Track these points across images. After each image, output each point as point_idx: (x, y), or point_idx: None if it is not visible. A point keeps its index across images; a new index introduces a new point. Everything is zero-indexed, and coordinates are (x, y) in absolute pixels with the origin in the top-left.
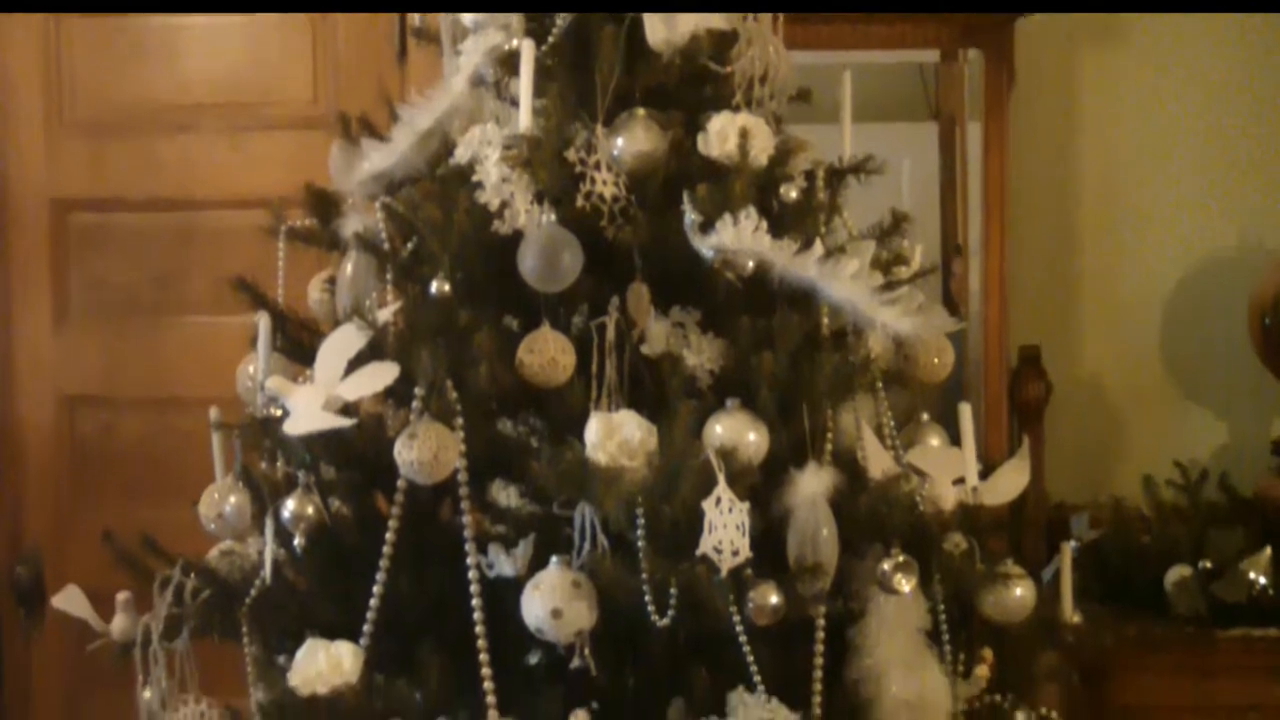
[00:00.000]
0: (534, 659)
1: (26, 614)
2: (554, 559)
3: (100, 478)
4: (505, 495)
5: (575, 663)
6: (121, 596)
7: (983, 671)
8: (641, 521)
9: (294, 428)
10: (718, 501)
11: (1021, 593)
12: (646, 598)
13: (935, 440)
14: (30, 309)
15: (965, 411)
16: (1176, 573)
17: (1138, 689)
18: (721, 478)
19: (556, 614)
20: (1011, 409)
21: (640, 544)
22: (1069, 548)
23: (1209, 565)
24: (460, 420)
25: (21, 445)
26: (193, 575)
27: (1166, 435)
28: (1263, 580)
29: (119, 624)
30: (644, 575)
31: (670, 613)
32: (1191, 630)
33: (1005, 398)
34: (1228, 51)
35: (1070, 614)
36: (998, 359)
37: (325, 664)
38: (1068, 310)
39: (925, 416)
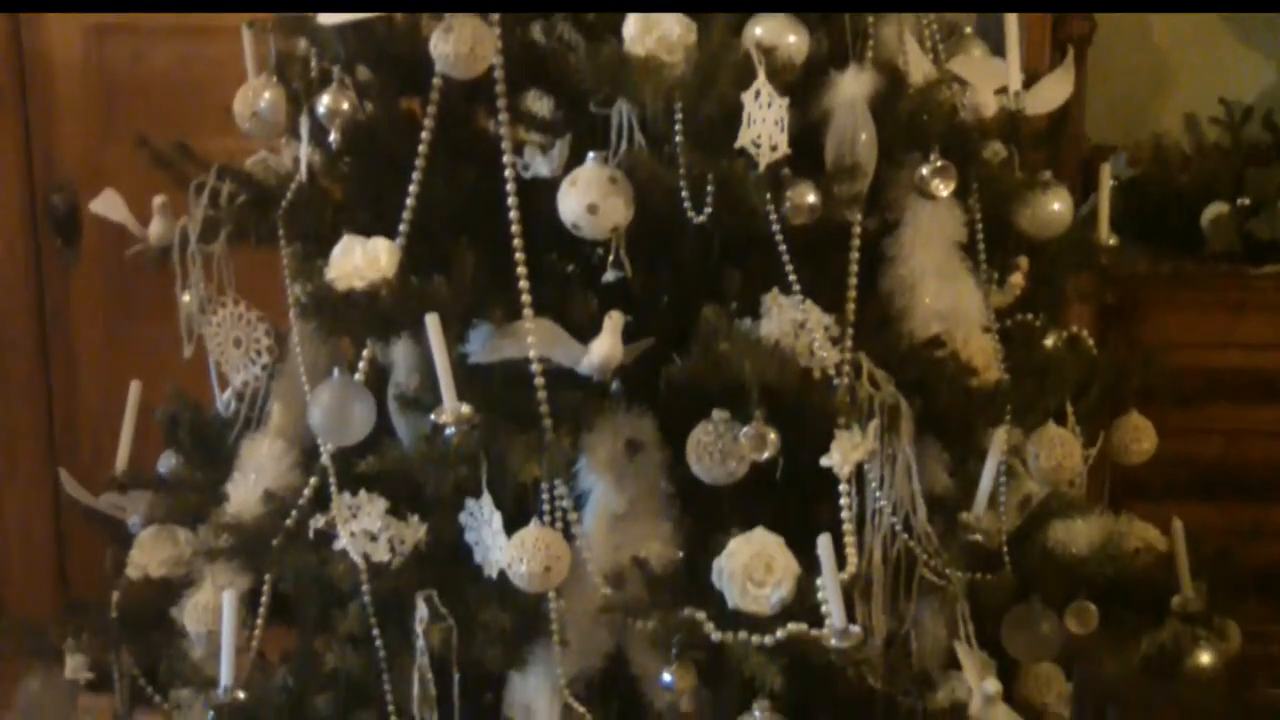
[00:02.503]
0: (569, 268)
1: (64, 244)
2: (591, 155)
3: (130, 108)
4: (540, 105)
5: (609, 274)
6: (158, 200)
7: (1017, 280)
8: (679, 116)
9: (329, 20)
10: (756, 95)
11: (1059, 206)
12: (683, 193)
13: (977, 52)
14: None
15: (1011, 21)
16: (1214, 210)
17: (1168, 325)
18: (761, 71)
19: (593, 209)
20: (1054, 45)
21: (678, 139)
22: (1107, 169)
23: (1247, 202)
24: (496, 16)
25: (50, 77)
26: (229, 180)
27: (1213, 76)
28: None
29: (156, 228)
30: (681, 171)
31: (706, 209)
32: (1225, 267)
33: (1048, 34)
34: None
35: (1106, 235)
36: None
37: (362, 259)
38: None
39: (968, 29)
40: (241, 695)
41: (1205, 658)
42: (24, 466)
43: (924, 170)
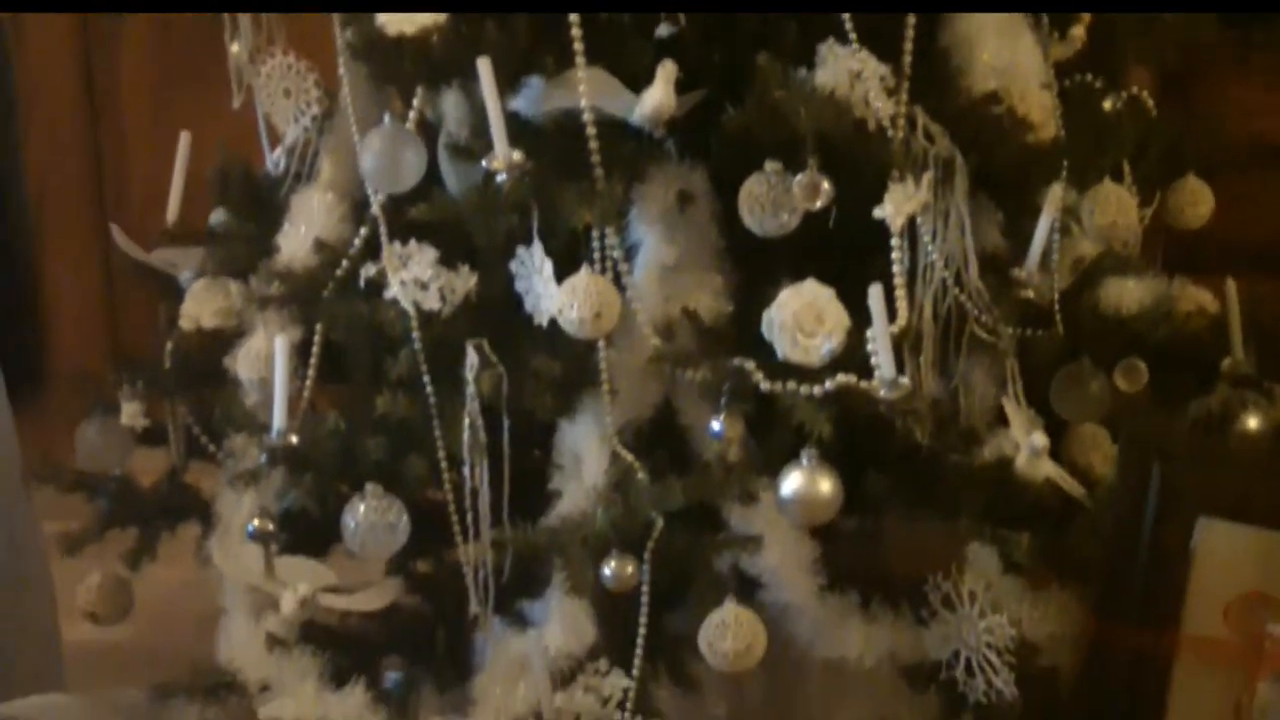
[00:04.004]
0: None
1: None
2: None
3: None
4: None
5: (663, 28)
6: None
7: (1079, 32)
8: None
9: None
10: None
11: None
12: None
13: None
14: None
15: None
16: None
17: (1230, 93)
18: None
19: None
20: None
21: None
22: None
23: None
24: None
25: None
26: None
27: None
28: None
29: None
30: None
31: None
32: None
33: None
34: None
35: None
36: None
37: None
38: None
39: None
40: (294, 439)
41: (1253, 422)
42: (75, 226)
43: None
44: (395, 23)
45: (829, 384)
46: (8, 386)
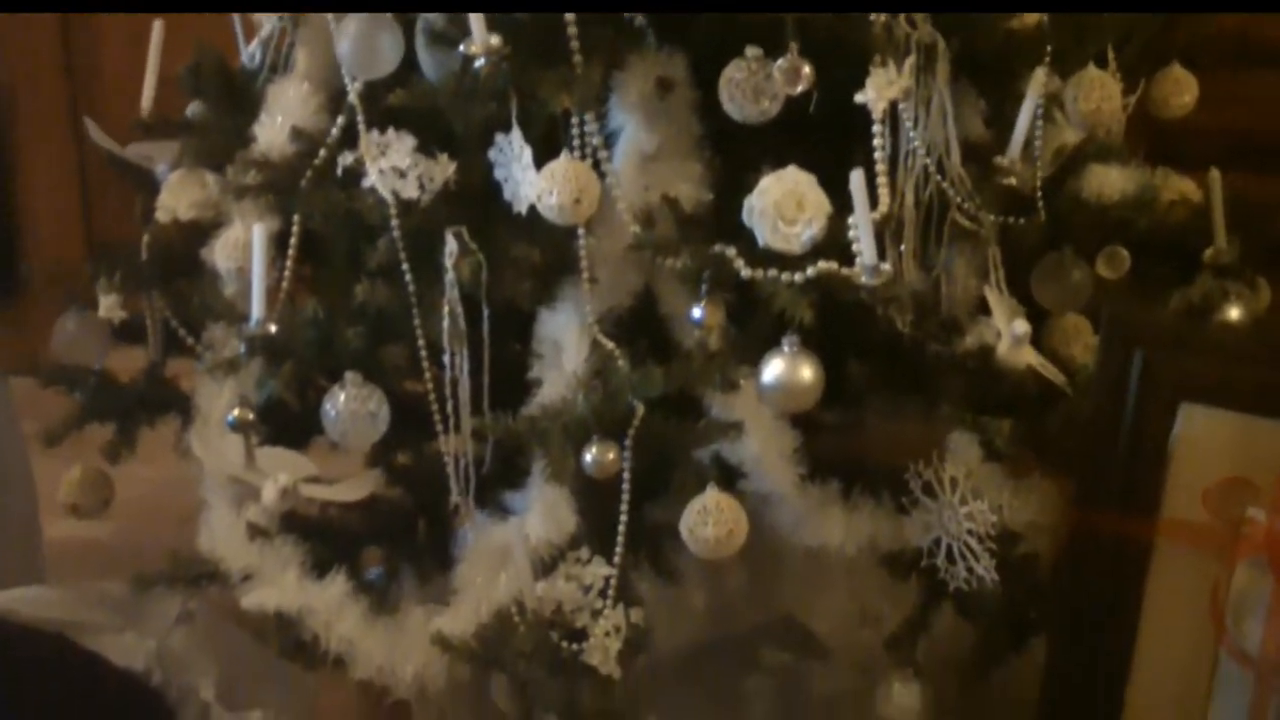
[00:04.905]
0: None
1: None
2: None
3: None
4: None
5: None
6: None
7: None
8: None
9: None
10: None
11: None
12: None
13: None
14: None
15: None
16: None
17: None
18: None
19: None
20: None
21: None
22: None
23: None
24: None
25: None
26: None
27: None
28: None
29: None
30: None
31: None
32: None
33: None
34: None
35: None
36: None
37: None
38: None
39: None
40: (273, 328)
41: (1235, 312)
42: (48, 121)
43: None
44: None
45: (810, 271)
46: None
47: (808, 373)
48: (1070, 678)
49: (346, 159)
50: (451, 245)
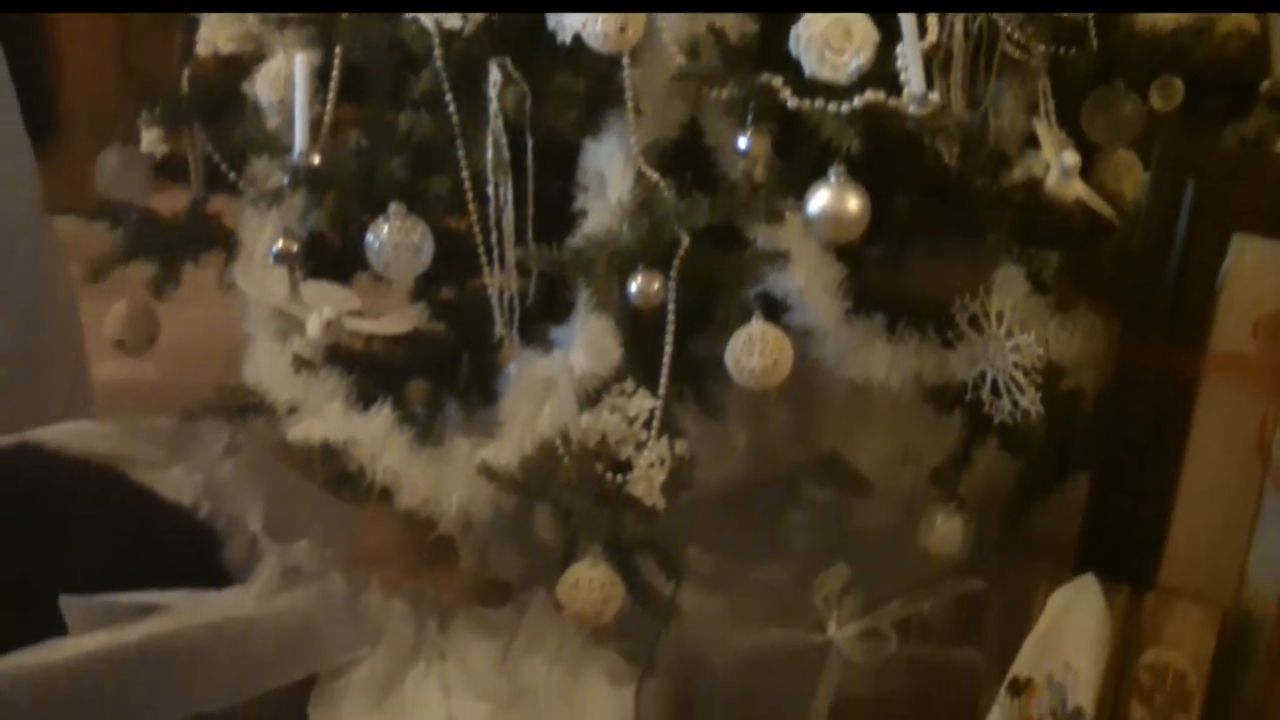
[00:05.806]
0: None
1: None
2: None
3: None
4: None
5: None
6: None
7: None
8: None
9: None
10: None
11: None
12: None
13: None
14: None
15: None
16: None
17: None
18: None
19: None
20: None
21: None
22: None
23: None
24: None
25: None
26: None
27: None
28: None
29: None
30: None
31: None
32: None
33: None
34: None
35: None
36: None
37: None
38: None
39: None
40: (316, 160)
41: None
42: None
43: None
44: None
45: (857, 100)
46: (26, 120)
47: (854, 202)
48: (1113, 512)
49: None
50: (495, 75)
